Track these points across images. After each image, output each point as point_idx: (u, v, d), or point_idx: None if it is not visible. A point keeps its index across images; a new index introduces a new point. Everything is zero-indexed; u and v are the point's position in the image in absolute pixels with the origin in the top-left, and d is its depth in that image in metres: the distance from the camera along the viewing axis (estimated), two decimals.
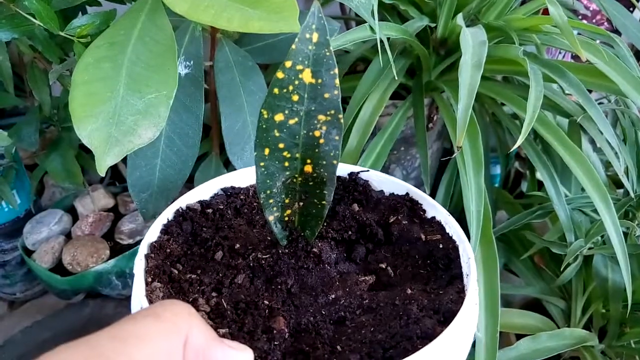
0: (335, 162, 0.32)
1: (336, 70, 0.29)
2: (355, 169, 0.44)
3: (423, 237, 0.38)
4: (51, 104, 0.65)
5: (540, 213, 0.62)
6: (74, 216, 0.76)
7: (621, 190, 0.73)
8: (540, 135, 0.65)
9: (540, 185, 0.79)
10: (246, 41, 0.55)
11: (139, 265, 0.33)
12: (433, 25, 0.60)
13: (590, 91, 0.55)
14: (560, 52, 0.85)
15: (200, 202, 0.41)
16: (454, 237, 0.38)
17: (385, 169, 0.70)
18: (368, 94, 0.56)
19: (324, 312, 0.32)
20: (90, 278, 0.68)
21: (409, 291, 0.33)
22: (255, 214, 0.41)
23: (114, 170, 0.87)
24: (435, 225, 0.40)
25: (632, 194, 0.59)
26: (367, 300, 0.33)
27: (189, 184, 0.81)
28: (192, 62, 0.49)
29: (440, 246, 0.37)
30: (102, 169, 0.35)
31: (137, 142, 0.36)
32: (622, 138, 0.69)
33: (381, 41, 0.48)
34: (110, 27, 0.40)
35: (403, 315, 0.31)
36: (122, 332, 0.21)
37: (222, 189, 0.42)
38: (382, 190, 0.43)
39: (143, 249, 0.35)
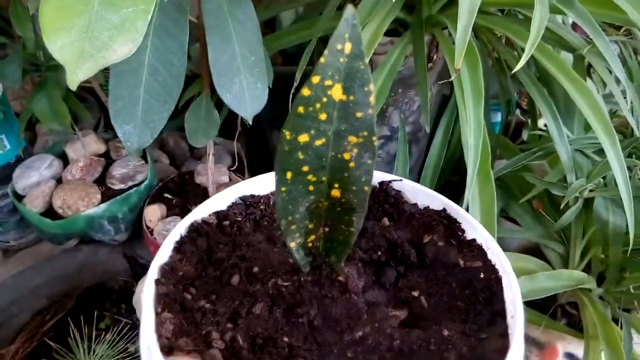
0: (366, 188, 0.29)
1: (371, 87, 0.26)
2: (386, 177, 0.40)
3: (461, 262, 0.34)
4: (36, 43, 0.62)
5: (541, 154, 0.60)
6: (66, 162, 0.74)
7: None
8: (543, 74, 0.62)
9: None
10: None
11: (149, 293, 0.30)
12: None
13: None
14: None
15: (217, 213, 0.38)
16: (496, 266, 0.34)
17: (383, 112, 0.68)
18: (363, 25, 0.53)
19: (350, 355, 0.29)
20: (81, 222, 0.67)
21: (446, 332, 0.30)
22: (276, 229, 0.37)
23: (107, 118, 0.86)
24: (476, 249, 0.35)
25: (637, 133, 0.56)
26: (398, 341, 0.30)
27: (181, 133, 0.79)
28: None
29: (481, 275, 0.33)
30: (73, 83, 0.33)
31: (111, 57, 0.34)
32: (629, 78, 0.66)
33: None
34: None
35: None
36: None
37: (240, 198, 0.39)
38: (415, 203, 0.39)
39: (153, 273, 0.31)
